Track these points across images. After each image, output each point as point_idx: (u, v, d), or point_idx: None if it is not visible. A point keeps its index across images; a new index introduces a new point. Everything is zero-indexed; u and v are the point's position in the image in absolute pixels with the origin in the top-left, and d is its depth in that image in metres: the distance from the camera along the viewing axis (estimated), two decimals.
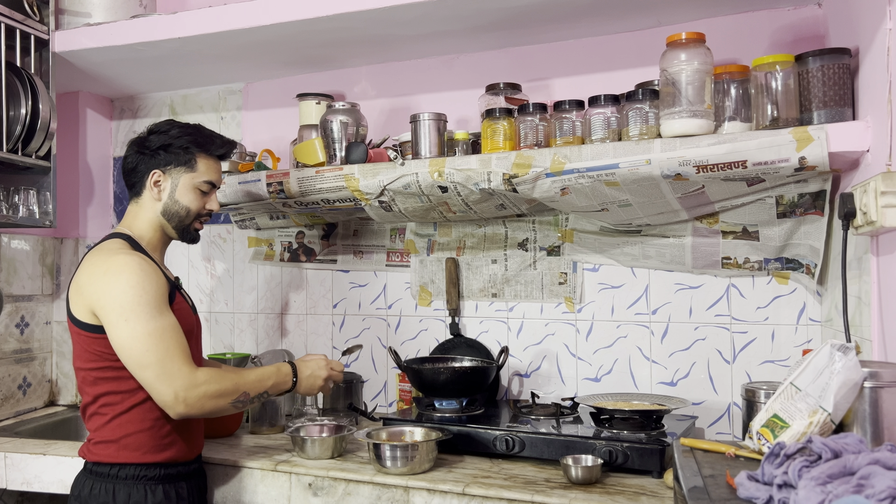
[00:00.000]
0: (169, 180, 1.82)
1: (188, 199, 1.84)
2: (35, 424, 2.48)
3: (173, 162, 1.82)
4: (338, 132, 2.23)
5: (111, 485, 1.72)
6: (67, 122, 2.85)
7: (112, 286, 1.66)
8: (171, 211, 1.83)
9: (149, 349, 1.63)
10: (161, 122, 1.88)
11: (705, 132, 1.73)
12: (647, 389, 2.20)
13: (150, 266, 1.73)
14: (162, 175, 1.82)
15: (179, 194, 1.83)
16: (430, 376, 2.12)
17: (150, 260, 1.77)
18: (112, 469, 1.72)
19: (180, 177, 1.83)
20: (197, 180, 1.84)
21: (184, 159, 1.82)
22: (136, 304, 1.64)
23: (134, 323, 1.63)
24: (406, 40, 2.32)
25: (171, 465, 1.77)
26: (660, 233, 2.12)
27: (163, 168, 1.82)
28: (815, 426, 1.21)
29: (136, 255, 1.73)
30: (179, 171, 1.82)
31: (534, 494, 1.65)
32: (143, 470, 1.73)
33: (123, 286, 1.65)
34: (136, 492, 1.72)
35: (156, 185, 1.82)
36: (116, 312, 1.64)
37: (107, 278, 1.67)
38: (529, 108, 1.99)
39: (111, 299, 1.65)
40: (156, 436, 1.73)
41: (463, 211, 2.20)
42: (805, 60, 1.70)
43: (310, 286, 2.68)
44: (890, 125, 1.45)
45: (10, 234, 2.62)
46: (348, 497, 1.83)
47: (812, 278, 1.95)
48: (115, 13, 2.50)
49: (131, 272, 1.67)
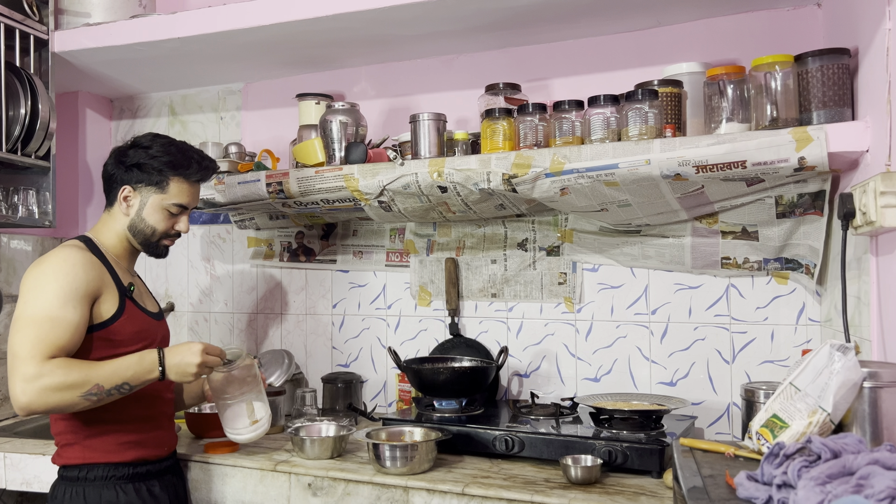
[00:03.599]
0: (138, 198, 1.80)
1: (155, 220, 1.81)
2: (34, 424, 2.48)
3: (144, 181, 1.80)
4: (337, 132, 2.23)
5: (81, 487, 1.72)
6: (67, 122, 2.85)
7: (33, 273, 1.66)
8: (137, 228, 1.82)
9: (21, 332, 1.58)
10: (146, 136, 1.85)
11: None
12: (647, 389, 2.20)
13: (84, 262, 1.69)
14: (132, 192, 1.80)
15: (147, 213, 1.81)
16: (430, 376, 2.12)
17: (99, 261, 1.74)
18: (80, 471, 1.72)
19: (150, 196, 1.80)
20: (166, 202, 1.81)
21: (155, 179, 1.80)
22: (41, 290, 1.61)
23: (27, 306, 1.61)
24: (405, 40, 2.32)
25: (140, 464, 1.77)
26: (659, 233, 2.12)
27: (133, 185, 1.80)
28: (815, 426, 1.21)
29: (73, 250, 1.70)
30: (150, 190, 1.80)
31: (533, 494, 1.65)
32: (110, 470, 1.73)
33: (38, 273, 1.65)
34: (106, 492, 1.71)
35: (125, 200, 1.81)
36: (22, 295, 1.63)
37: (34, 269, 1.67)
38: (529, 108, 1.99)
39: (24, 284, 1.65)
40: (119, 434, 1.73)
41: (462, 211, 2.20)
42: (804, 60, 1.70)
43: (309, 286, 2.68)
44: (889, 125, 1.45)
45: (10, 234, 2.61)
46: (348, 497, 1.83)
47: (811, 278, 1.95)
48: (114, 13, 2.50)
49: (54, 262, 1.66)
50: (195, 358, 1.69)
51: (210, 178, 1.94)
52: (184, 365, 1.68)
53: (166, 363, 1.68)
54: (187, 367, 1.68)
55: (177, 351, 1.70)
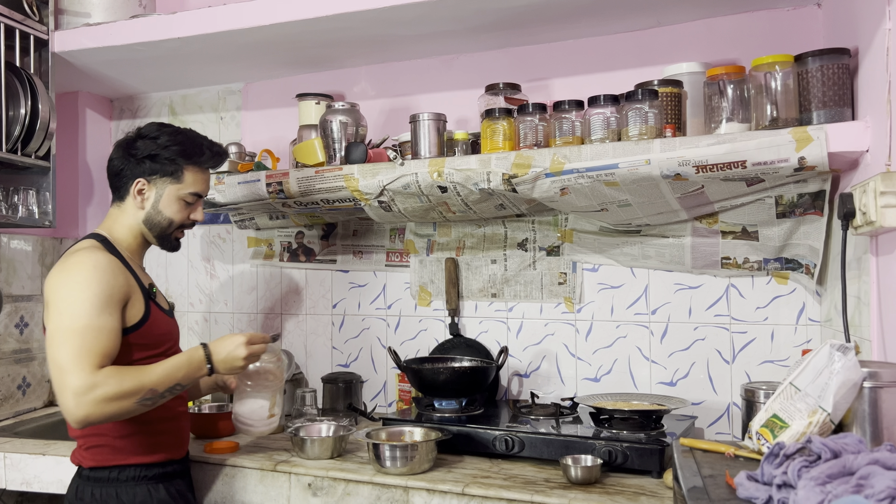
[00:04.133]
0: (153, 190, 1.78)
1: (172, 211, 1.79)
2: (34, 425, 2.48)
3: (159, 172, 1.77)
4: (337, 132, 2.23)
5: (113, 489, 1.71)
6: (67, 122, 2.85)
7: (59, 282, 1.63)
8: (154, 221, 1.80)
9: (64, 344, 1.55)
10: (150, 126, 1.82)
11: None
12: (647, 389, 2.20)
13: (111, 266, 1.67)
14: (146, 184, 1.77)
15: (163, 205, 1.79)
16: (430, 376, 2.12)
17: (121, 262, 1.72)
18: (112, 472, 1.72)
19: (165, 187, 1.78)
20: (182, 192, 1.79)
21: (170, 170, 1.77)
22: (74, 298, 1.59)
23: (64, 317, 1.58)
24: (405, 40, 2.32)
25: (167, 464, 1.78)
26: (659, 233, 2.12)
27: (148, 177, 1.77)
28: (815, 426, 1.21)
29: (98, 253, 1.68)
30: (165, 181, 1.78)
31: (533, 494, 1.65)
32: (142, 470, 1.73)
33: (68, 281, 1.62)
34: (139, 492, 1.72)
35: (139, 194, 1.78)
36: (55, 306, 1.60)
37: (60, 275, 1.64)
38: (529, 108, 1.99)
39: (55, 294, 1.62)
40: (147, 435, 1.73)
41: (462, 211, 2.20)
42: (804, 60, 1.70)
43: (309, 286, 2.68)
44: (889, 125, 1.45)
45: (10, 234, 2.62)
46: (348, 497, 1.83)
47: (811, 278, 1.95)
48: (114, 13, 2.50)
49: (81, 268, 1.63)
50: (241, 351, 1.71)
51: (223, 163, 1.92)
52: (231, 359, 1.71)
53: (213, 359, 1.69)
54: (235, 361, 1.71)
55: (222, 346, 1.71)
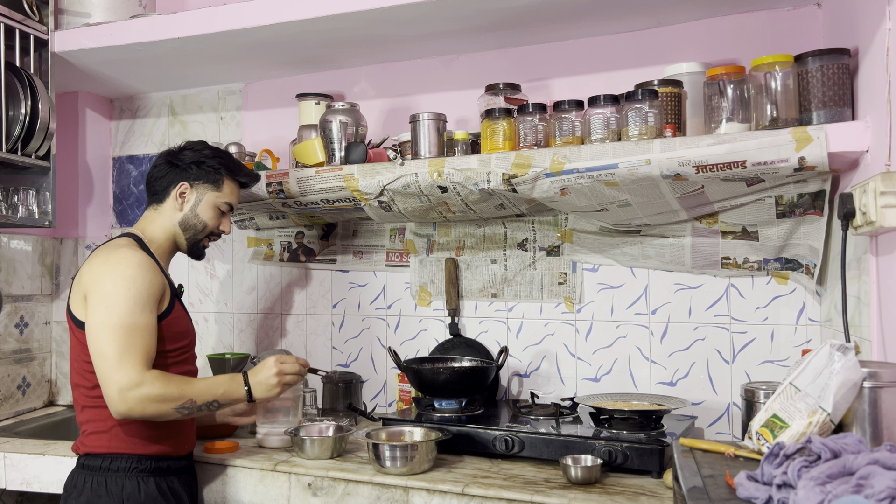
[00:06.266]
0: (194, 194, 1.91)
1: (207, 216, 1.93)
2: (34, 424, 2.48)
3: (202, 178, 1.91)
4: (337, 132, 2.23)
5: (103, 477, 1.75)
6: (67, 122, 2.85)
7: (105, 275, 1.72)
8: (189, 223, 1.92)
9: (112, 340, 1.65)
10: (196, 142, 1.98)
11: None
12: (647, 389, 2.20)
13: (150, 265, 1.77)
14: (189, 188, 1.91)
15: (201, 209, 1.92)
16: (430, 376, 2.12)
17: (154, 262, 1.81)
18: (104, 461, 1.75)
19: (205, 193, 1.92)
20: (220, 200, 1.94)
21: (213, 178, 1.92)
22: (121, 295, 1.69)
23: (111, 312, 1.67)
24: (405, 40, 2.32)
25: (163, 459, 1.80)
26: (659, 233, 2.12)
27: (192, 181, 1.91)
28: (815, 426, 1.21)
29: (138, 252, 1.79)
30: (206, 187, 1.92)
31: (533, 494, 1.65)
32: (134, 462, 1.76)
33: (115, 276, 1.71)
34: (128, 483, 1.75)
35: (181, 196, 1.91)
36: (100, 298, 1.69)
37: (104, 268, 1.74)
38: (529, 108, 1.99)
39: (100, 286, 1.71)
40: (146, 427, 1.76)
41: (462, 211, 2.20)
42: (804, 60, 1.70)
43: (309, 286, 2.68)
44: (889, 125, 1.45)
45: (10, 234, 2.62)
46: (348, 497, 1.83)
47: (811, 278, 1.95)
48: (114, 13, 2.50)
49: (127, 265, 1.73)
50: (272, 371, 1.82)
51: (252, 186, 2.10)
52: (265, 381, 1.81)
53: (250, 382, 1.80)
54: (269, 381, 1.82)
55: (257, 370, 1.84)
